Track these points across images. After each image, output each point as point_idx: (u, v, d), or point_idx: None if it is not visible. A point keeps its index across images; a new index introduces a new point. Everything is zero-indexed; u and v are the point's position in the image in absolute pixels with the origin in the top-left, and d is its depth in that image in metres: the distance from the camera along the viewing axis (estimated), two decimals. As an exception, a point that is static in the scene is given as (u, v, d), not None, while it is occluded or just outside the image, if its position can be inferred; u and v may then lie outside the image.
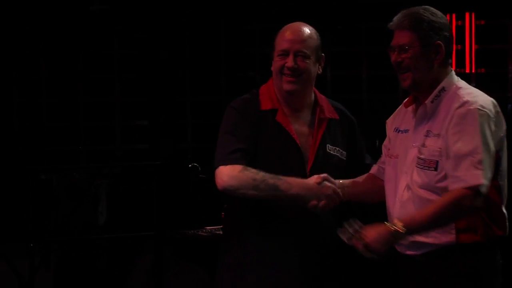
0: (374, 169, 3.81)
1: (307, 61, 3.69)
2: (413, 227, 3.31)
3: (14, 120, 12.54)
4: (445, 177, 3.34)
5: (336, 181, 3.57)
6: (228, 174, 3.54)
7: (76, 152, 12.49)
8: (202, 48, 12.21)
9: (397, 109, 3.74)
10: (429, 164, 3.38)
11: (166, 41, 12.16)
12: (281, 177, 3.52)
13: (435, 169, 3.37)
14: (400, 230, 3.26)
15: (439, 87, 3.44)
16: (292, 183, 3.51)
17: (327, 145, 3.68)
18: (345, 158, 3.73)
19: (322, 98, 3.80)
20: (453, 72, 3.55)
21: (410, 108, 3.59)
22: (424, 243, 3.38)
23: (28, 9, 11.97)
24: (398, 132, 3.62)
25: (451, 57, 3.52)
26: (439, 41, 3.44)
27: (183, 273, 7.52)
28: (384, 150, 3.78)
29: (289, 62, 3.65)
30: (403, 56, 3.47)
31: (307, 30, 3.73)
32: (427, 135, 3.43)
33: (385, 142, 3.77)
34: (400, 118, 3.67)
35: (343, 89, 12.65)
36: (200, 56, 12.14)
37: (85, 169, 9.34)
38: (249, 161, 3.65)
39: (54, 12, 12.10)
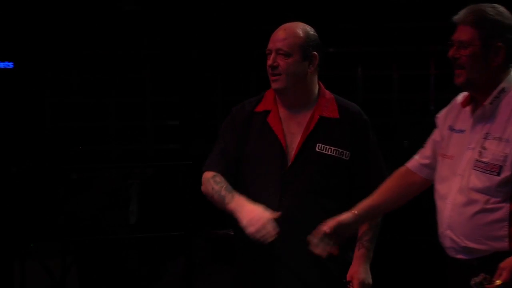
0: (411, 164, 3.68)
1: (288, 59, 3.63)
2: None
3: (46, 120, 12.62)
4: (507, 183, 3.27)
5: (348, 215, 3.45)
6: (202, 180, 3.69)
7: (108, 152, 12.54)
8: (233, 48, 12.21)
9: (450, 106, 3.61)
10: (492, 168, 3.28)
11: (198, 41, 12.18)
12: (234, 192, 3.57)
13: (498, 174, 3.28)
14: None
15: (498, 88, 3.34)
16: (235, 201, 3.53)
17: (318, 144, 3.59)
18: (347, 158, 3.62)
19: (327, 98, 3.71)
20: None
21: (467, 109, 3.49)
22: (476, 249, 3.32)
23: (60, 9, 12.04)
24: (453, 131, 3.51)
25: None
26: (500, 43, 3.33)
27: (215, 274, 7.50)
28: (433, 145, 3.64)
29: (269, 60, 3.65)
30: (462, 52, 3.37)
31: (291, 28, 3.66)
32: (486, 137, 3.33)
33: (436, 137, 3.63)
34: (454, 116, 3.55)
35: (374, 89, 12.60)
36: (231, 55, 12.15)
37: (117, 169, 9.37)
38: (229, 166, 3.68)
39: (87, 12, 12.16)
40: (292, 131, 3.62)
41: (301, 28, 3.68)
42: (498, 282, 3.11)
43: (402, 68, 12.16)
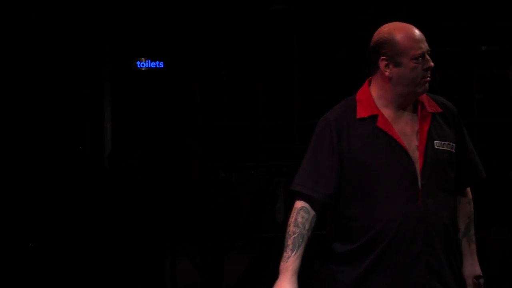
0: None
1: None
2: None
3: (197, 119, 12.85)
4: None
5: None
6: (294, 206, 3.56)
7: (256, 151, 12.66)
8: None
9: None
10: None
11: (345, 40, 12.12)
12: (296, 251, 3.47)
13: None
14: None
15: None
16: (286, 265, 3.47)
17: (435, 141, 3.48)
18: (454, 151, 3.52)
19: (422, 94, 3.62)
20: None
21: None
22: None
23: (209, 9, 12.22)
24: None
25: None
26: None
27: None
28: None
29: (430, 61, 3.52)
30: None
31: (417, 29, 3.61)
32: None
33: None
34: None
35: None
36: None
37: (264, 168, 9.40)
38: (328, 187, 3.53)
39: (236, 12, 12.30)
40: (405, 132, 3.51)
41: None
42: None
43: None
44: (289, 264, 3.49)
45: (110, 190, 7.64)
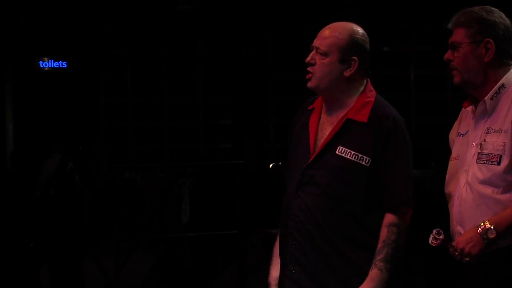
0: None
1: (324, 60, 3.55)
2: (501, 224, 3.25)
3: (101, 119, 12.76)
4: (508, 171, 3.29)
5: None
6: None
7: (160, 151, 12.64)
8: (285, 48, 12.21)
9: (458, 118, 3.67)
10: (492, 159, 3.31)
11: (250, 41, 12.21)
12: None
13: (498, 163, 3.30)
14: (488, 228, 3.21)
15: (498, 84, 3.39)
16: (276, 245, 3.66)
17: (339, 146, 3.51)
18: (367, 164, 3.50)
19: (365, 101, 3.61)
20: None
21: (469, 109, 3.54)
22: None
23: (113, 9, 12.15)
24: (459, 135, 3.57)
25: (509, 58, 3.45)
26: (489, 39, 3.39)
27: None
28: None
29: (308, 57, 3.57)
30: (455, 54, 3.44)
31: (336, 28, 3.53)
32: (487, 132, 3.37)
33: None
34: (461, 122, 3.62)
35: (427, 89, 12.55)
36: (283, 55, 12.16)
37: (169, 168, 9.42)
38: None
39: (140, 12, 12.26)
40: (324, 132, 3.57)
41: (348, 30, 3.54)
42: (453, 245, 3.19)
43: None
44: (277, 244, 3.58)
45: (12, 190, 7.54)
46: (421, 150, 13.30)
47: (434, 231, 3.27)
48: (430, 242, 3.27)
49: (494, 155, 3.33)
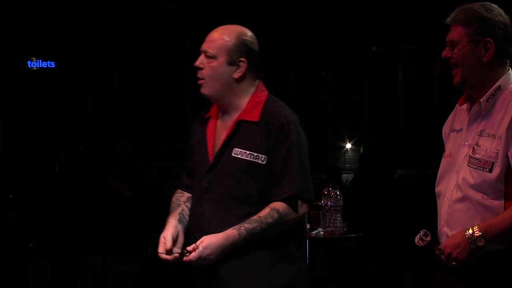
0: None
1: (212, 63, 3.51)
2: (490, 232, 3.23)
3: (88, 119, 12.74)
4: (499, 179, 3.26)
5: None
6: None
7: (148, 151, 12.62)
8: (273, 48, 12.22)
9: (452, 112, 3.63)
10: (484, 165, 3.27)
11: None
12: (174, 212, 3.55)
13: (490, 171, 3.27)
14: (477, 236, 3.19)
15: (495, 86, 3.35)
16: (168, 220, 3.56)
17: (235, 148, 3.48)
18: (263, 162, 3.47)
19: (256, 101, 3.59)
20: (511, 72, 3.46)
21: (464, 107, 3.51)
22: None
23: (101, 9, 12.14)
24: (453, 131, 3.54)
25: (508, 57, 3.42)
26: (488, 38, 3.34)
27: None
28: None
29: (196, 61, 3.54)
30: (454, 52, 3.40)
31: (223, 31, 3.51)
32: (480, 135, 3.33)
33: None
34: (454, 118, 3.58)
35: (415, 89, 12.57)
36: (271, 55, 12.16)
37: (157, 168, 9.42)
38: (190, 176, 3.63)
39: (127, 12, 12.25)
40: (221, 137, 3.53)
41: (235, 32, 3.49)
42: (440, 248, 3.19)
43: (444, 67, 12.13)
44: (169, 220, 3.54)
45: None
46: (408, 149, 13.38)
47: (422, 231, 3.26)
48: (416, 242, 3.27)
49: (486, 162, 3.28)
